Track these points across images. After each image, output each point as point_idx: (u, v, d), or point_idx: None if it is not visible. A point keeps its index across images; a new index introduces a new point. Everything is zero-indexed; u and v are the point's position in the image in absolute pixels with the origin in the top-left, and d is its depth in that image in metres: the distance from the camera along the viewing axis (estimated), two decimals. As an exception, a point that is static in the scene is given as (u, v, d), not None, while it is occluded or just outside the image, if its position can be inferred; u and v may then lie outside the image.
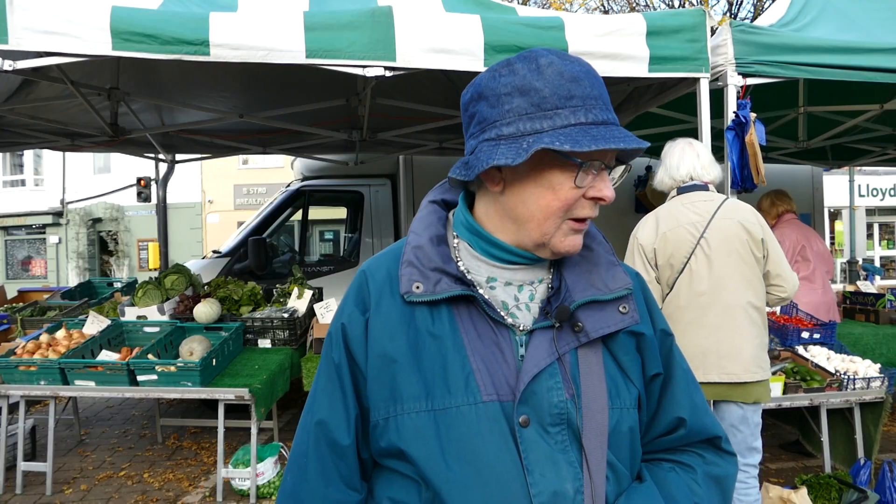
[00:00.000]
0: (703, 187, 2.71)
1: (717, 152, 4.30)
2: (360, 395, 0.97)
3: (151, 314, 4.56)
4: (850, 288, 5.81)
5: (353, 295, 1.01)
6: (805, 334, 4.07)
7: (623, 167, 0.98)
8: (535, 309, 0.98)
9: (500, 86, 0.91)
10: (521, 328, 0.95)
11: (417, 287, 0.94)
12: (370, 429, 0.96)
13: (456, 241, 1.01)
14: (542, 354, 0.92)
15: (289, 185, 6.93)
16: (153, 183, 8.65)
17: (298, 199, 6.78)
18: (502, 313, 0.96)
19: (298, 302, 4.73)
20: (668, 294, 2.65)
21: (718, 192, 2.78)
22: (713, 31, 3.56)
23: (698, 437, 1.04)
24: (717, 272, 2.56)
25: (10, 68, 3.03)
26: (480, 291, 0.96)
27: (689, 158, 2.76)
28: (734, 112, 3.41)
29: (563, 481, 0.88)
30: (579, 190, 0.91)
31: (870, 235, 21.18)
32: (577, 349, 0.95)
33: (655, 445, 1.04)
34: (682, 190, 2.74)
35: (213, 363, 3.85)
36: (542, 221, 0.92)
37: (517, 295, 0.98)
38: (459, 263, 0.98)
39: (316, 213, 10.73)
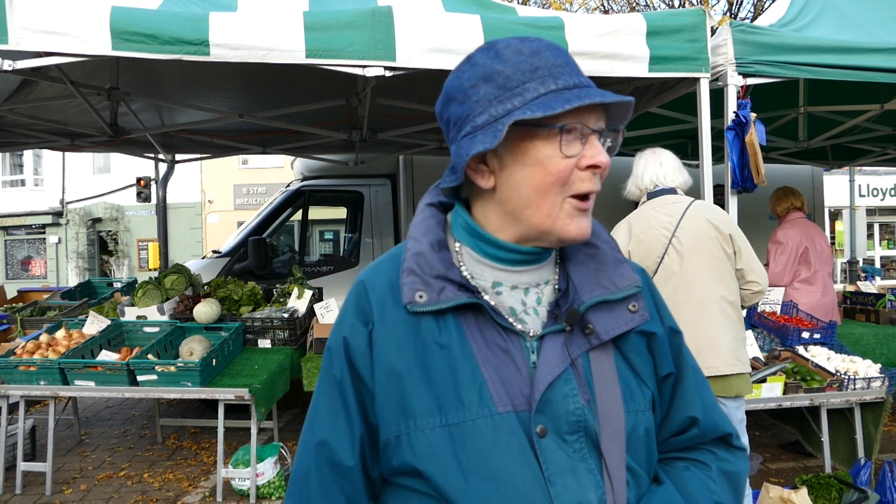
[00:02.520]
0: (671, 191, 2.81)
1: (718, 152, 4.32)
2: (367, 413, 0.92)
3: (151, 314, 4.56)
4: (851, 288, 5.81)
5: (353, 306, 0.95)
6: (805, 334, 4.07)
7: (614, 132, 0.93)
8: (543, 312, 0.94)
9: (464, 81, 0.90)
10: (531, 334, 0.92)
11: (420, 296, 0.90)
12: (381, 447, 0.91)
13: (457, 245, 0.97)
14: (556, 360, 0.89)
15: (289, 185, 6.93)
16: (153, 183, 8.65)
17: (298, 199, 6.78)
18: (511, 319, 0.92)
19: (298, 302, 4.73)
20: None
21: (687, 195, 2.86)
22: (713, 31, 3.56)
23: (711, 435, 1.03)
24: (690, 268, 2.63)
25: (10, 68, 3.03)
26: (486, 298, 0.92)
27: (651, 167, 2.87)
28: (734, 112, 3.41)
29: (586, 491, 0.86)
30: (570, 159, 0.87)
31: (870, 235, 21.18)
32: (588, 352, 0.92)
33: (668, 445, 1.02)
34: (651, 195, 2.84)
35: (213, 363, 3.85)
36: (541, 202, 0.88)
37: (524, 299, 0.94)
38: (463, 269, 0.94)
39: (316, 213, 10.74)
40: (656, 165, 2.86)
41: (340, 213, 9.62)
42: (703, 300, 2.61)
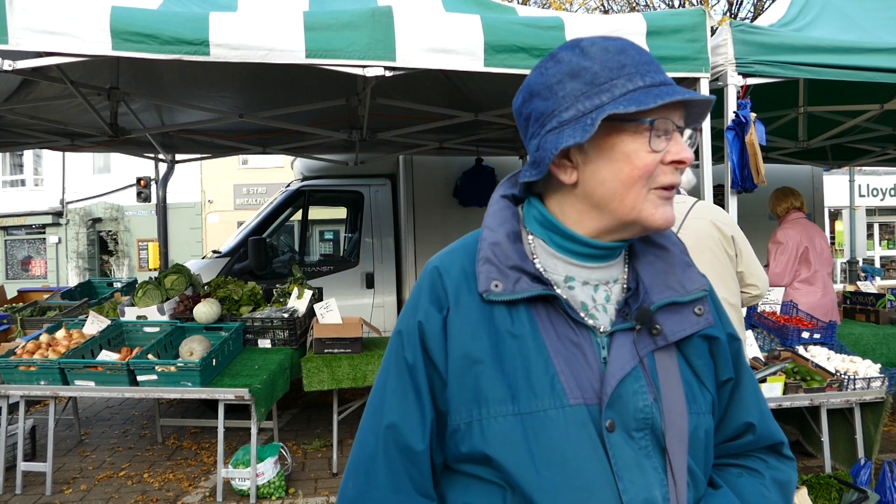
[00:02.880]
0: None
1: (718, 152, 4.31)
2: (436, 398, 0.92)
3: (151, 314, 4.56)
4: (851, 288, 5.81)
5: (427, 292, 0.95)
6: (805, 334, 4.07)
7: (693, 131, 0.94)
8: (612, 310, 0.95)
9: (549, 77, 0.90)
10: (601, 330, 0.93)
11: (496, 286, 0.90)
12: (448, 433, 0.91)
13: (531, 237, 0.97)
14: (626, 357, 0.90)
15: (289, 185, 6.93)
16: (153, 183, 8.64)
17: (298, 199, 6.78)
18: (582, 314, 0.93)
19: (298, 302, 4.73)
20: None
21: (692, 195, 2.85)
22: (713, 31, 3.56)
23: (764, 442, 1.03)
24: None
25: (10, 68, 3.03)
26: (559, 291, 0.93)
27: None
28: (734, 112, 3.41)
29: (652, 488, 0.87)
30: (656, 154, 0.88)
31: (870, 235, 21.19)
32: (653, 352, 0.92)
33: (722, 450, 1.02)
34: None
35: (213, 363, 3.85)
36: (626, 194, 0.89)
37: (593, 295, 0.95)
38: (536, 261, 0.95)
39: (316, 213, 10.74)
40: None
41: (340, 213, 9.62)
42: None
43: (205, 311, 4.48)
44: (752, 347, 3.73)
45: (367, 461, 0.94)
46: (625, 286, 0.97)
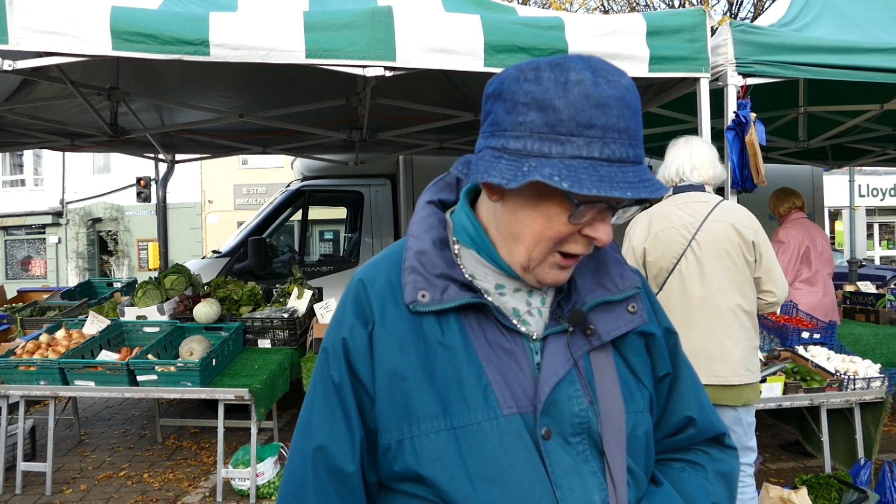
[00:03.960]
0: (699, 188, 2.67)
1: (718, 152, 4.31)
2: (365, 417, 0.89)
3: (151, 314, 4.56)
4: (850, 288, 5.81)
5: (351, 306, 0.92)
6: (805, 334, 4.07)
7: (636, 207, 0.89)
8: (546, 313, 0.93)
9: (521, 92, 0.82)
10: (534, 336, 0.91)
11: (423, 296, 0.88)
12: (380, 452, 0.88)
13: (457, 246, 0.94)
14: (559, 361, 0.88)
15: (289, 185, 6.93)
16: (153, 183, 8.64)
17: (298, 199, 6.78)
18: (514, 320, 0.91)
19: (298, 302, 4.73)
20: (657, 294, 2.65)
21: (717, 192, 2.75)
22: (713, 31, 3.56)
23: (706, 435, 1.03)
24: (707, 275, 2.54)
25: (10, 68, 3.03)
26: (490, 299, 0.91)
27: (680, 158, 2.71)
28: (734, 112, 3.41)
29: (591, 493, 0.85)
30: (574, 226, 0.85)
31: (870, 235, 21.20)
32: (589, 353, 0.91)
33: (663, 446, 1.02)
34: (677, 190, 2.71)
35: (213, 363, 3.85)
36: (532, 247, 0.87)
37: (528, 300, 0.93)
38: (463, 269, 0.92)
39: (316, 213, 10.74)
40: (685, 157, 2.70)
41: (340, 213, 9.62)
42: (719, 307, 2.53)
43: (205, 311, 4.48)
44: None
45: (298, 486, 0.90)
46: (557, 288, 0.95)
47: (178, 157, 7.30)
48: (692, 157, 2.70)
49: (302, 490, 0.90)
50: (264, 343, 4.41)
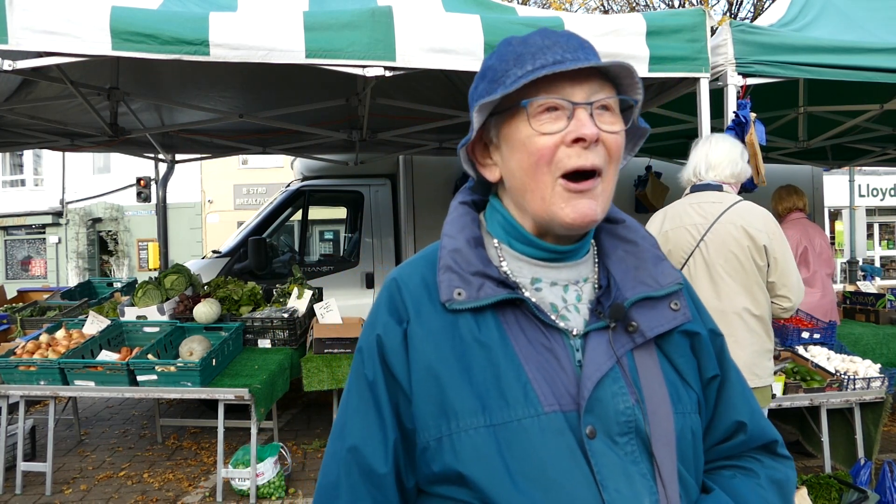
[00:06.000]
0: (717, 187, 2.62)
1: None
2: (401, 416, 0.87)
3: (151, 314, 4.56)
4: (850, 288, 5.81)
5: (386, 305, 0.91)
6: (805, 334, 4.07)
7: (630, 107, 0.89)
8: (585, 310, 0.91)
9: (477, 73, 0.93)
10: (574, 332, 0.88)
11: (459, 293, 0.86)
12: (418, 453, 0.85)
13: (496, 241, 0.94)
14: (602, 358, 0.85)
15: (289, 185, 6.93)
16: (153, 183, 8.65)
17: (298, 199, 6.78)
18: (552, 316, 0.88)
19: (298, 302, 4.73)
20: None
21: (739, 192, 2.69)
22: (713, 31, 3.56)
23: (757, 442, 0.98)
24: (714, 277, 2.52)
25: (10, 68, 3.03)
26: (527, 294, 0.89)
27: (698, 156, 2.67)
28: (734, 112, 3.41)
29: (640, 496, 0.81)
30: (550, 136, 0.84)
31: (870, 235, 21.19)
32: (632, 351, 0.88)
33: (713, 454, 0.97)
34: (694, 188, 2.67)
35: (213, 363, 3.85)
36: (532, 184, 0.86)
37: (564, 296, 0.91)
38: (503, 264, 0.92)
39: (316, 213, 10.73)
40: (702, 155, 2.66)
41: (340, 213, 9.61)
42: (724, 311, 2.49)
43: (205, 311, 4.48)
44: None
45: (331, 489, 0.89)
46: (596, 285, 0.94)
47: (178, 157, 7.29)
48: (708, 155, 2.66)
49: (335, 492, 0.88)
50: (264, 343, 4.42)
